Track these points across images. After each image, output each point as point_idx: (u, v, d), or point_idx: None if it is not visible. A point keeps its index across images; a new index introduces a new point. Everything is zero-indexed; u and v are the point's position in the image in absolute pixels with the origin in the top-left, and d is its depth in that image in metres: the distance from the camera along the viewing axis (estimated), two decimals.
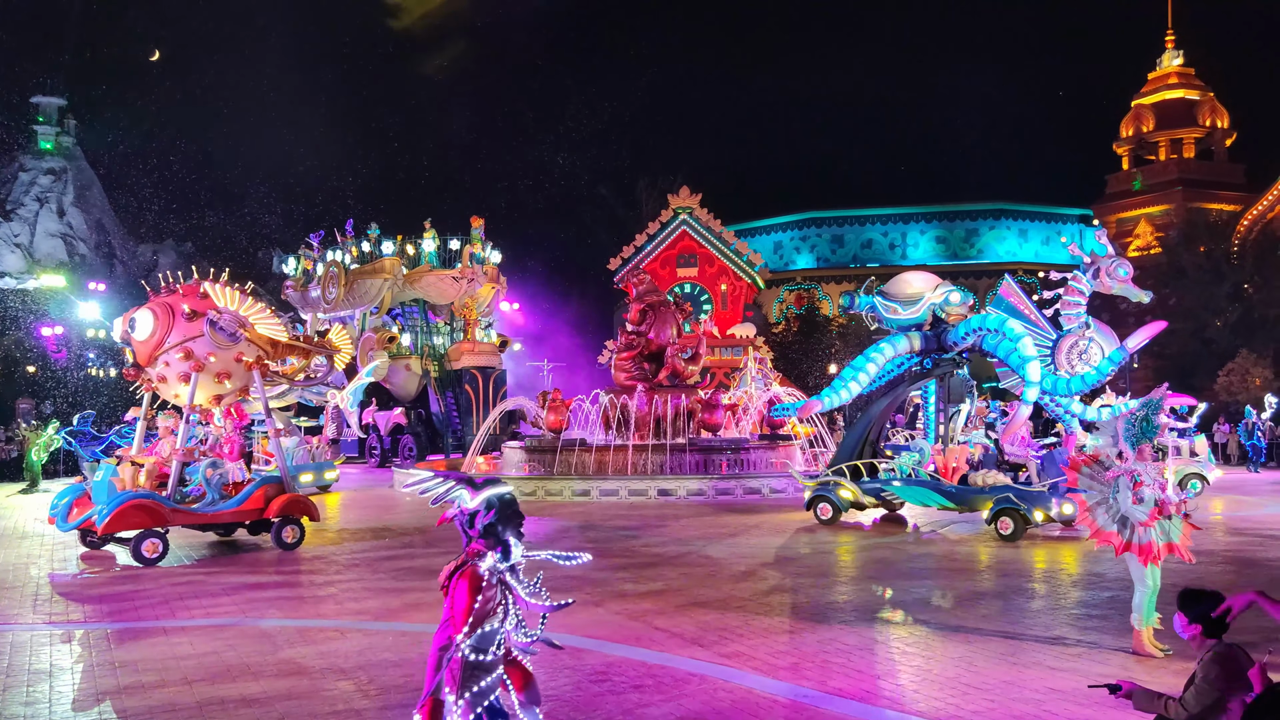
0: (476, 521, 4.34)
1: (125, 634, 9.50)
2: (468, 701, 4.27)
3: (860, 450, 18.06)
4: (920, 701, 7.03)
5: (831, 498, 17.01)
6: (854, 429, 19.06)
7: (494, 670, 4.37)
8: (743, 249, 51.78)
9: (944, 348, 17.66)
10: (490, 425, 30.10)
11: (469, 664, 4.28)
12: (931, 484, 16.16)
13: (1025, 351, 16.35)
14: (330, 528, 17.45)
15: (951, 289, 17.87)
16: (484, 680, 4.31)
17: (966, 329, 17.11)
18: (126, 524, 13.33)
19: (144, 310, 14.31)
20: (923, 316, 17.91)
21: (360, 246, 37.87)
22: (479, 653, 4.29)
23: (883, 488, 16.67)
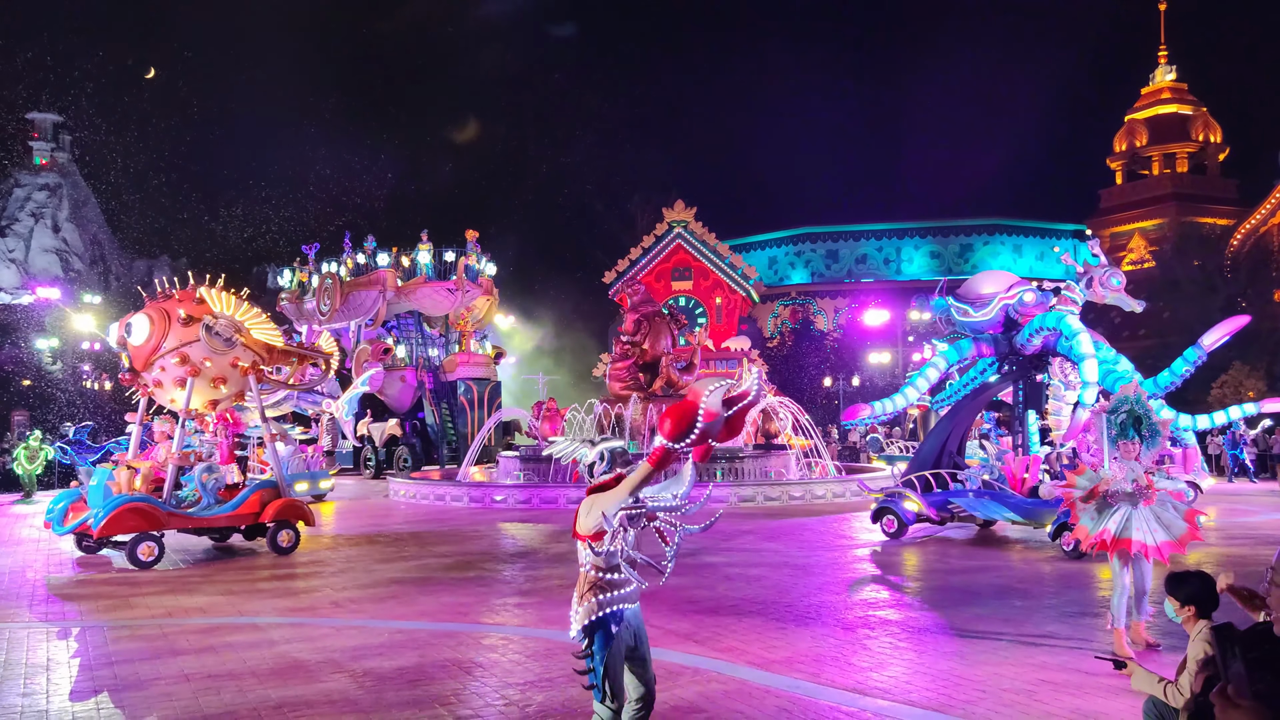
0: (595, 471, 5.11)
1: (122, 632, 9.53)
2: (585, 608, 4.87)
3: (939, 460, 16.74)
4: (912, 692, 7.08)
5: (897, 510, 15.73)
6: (932, 438, 17.73)
7: (618, 588, 4.90)
8: (737, 262, 51.90)
9: (1015, 350, 16.68)
10: (484, 436, 30.13)
11: (593, 580, 4.90)
12: (1000, 496, 15.02)
13: (1081, 349, 15.45)
14: (325, 533, 17.47)
15: (1027, 288, 16.60)
16: (604, 594, 4.87)
17: (1031, 329, 16.16)
18: (122, 527, 13.36)
19: (140, 315, 14.37)
20: (995, 318, 16.73)
21: (355, 258, 37.95)
22: (600, 570, 4.89)
23: (949, 500, 15.50)
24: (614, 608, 4.87)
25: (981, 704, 6.70)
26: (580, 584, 4.93)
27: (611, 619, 4.86)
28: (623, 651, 4.93)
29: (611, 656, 4.85)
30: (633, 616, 4.99)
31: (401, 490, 24.99)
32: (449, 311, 39.48)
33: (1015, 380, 17.13)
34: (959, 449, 17.44)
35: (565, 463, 5.43)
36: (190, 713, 6.78)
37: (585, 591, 4.88)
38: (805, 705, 6.80)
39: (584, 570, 4.94)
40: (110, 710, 6.92)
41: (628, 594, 4.93)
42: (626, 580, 4.92)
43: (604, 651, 4.83)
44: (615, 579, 4.90)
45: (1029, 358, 16.71)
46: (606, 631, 4.83)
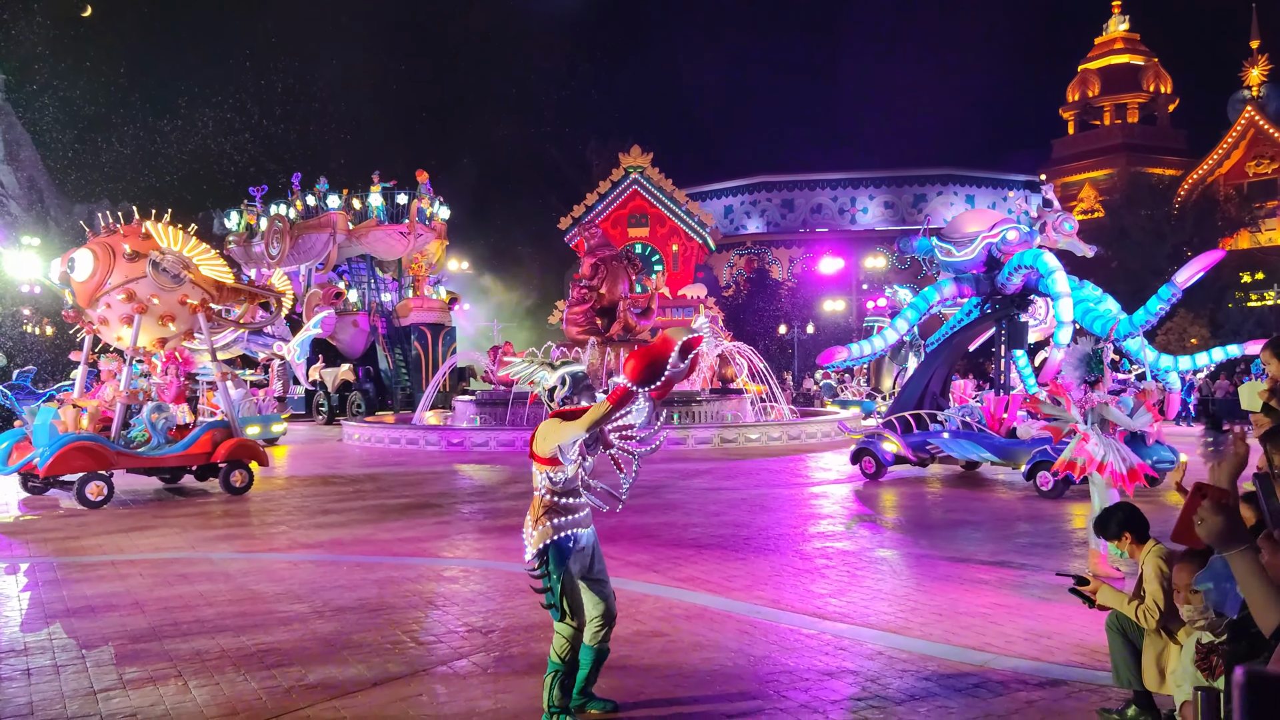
0: (556, 395, 5.05)
1: (72, 567, 9.35)
2: (539, 532, 4.88)
3: (920, 402, 16.85)
4: (870, 616, 7.19)
5: (875, 451, 15.74)
6: (914, 380, 17.81)
7: (571, 513, 4.94)
8: (694, 209, 51.68)
9: (996, 290, 16.60)
10: (439, 381, 29.89)
11: (547, 503, 4.92)
12: (978, 437, 15.06)
13: (1057, 287, 15.40)
14: (279, 475, 17.27)
15: (1010, 226, 16.48)
16: (559, 518, 4.90)
17: (1011, 267, 16.08)
18: (69, 467, 13.07)
19: (83, 250, 13.92)
20: (979, 257, 16.64)
21: (305, 200, 37.11)
22: (555, 495, 4.92)
23: (927, 440, 15.58)
24: (568, 532, 4.92)
25: (938, 626, 6.82)
26: (534, 508, 4.96)
27: (566, 542, 4.90)
28: (578, 573, 5.00)
29: (567, 577, 4.89)
30: (587, 539, 5.06)
31: (356, 434, 24.77)
32: (402, 255, 38.87)
33: (997, 320, 17.12)
34: (942, 390, 17.51)
35: (522, 383, 5.25)
36: (146, 640, 6.68)
37: (540, 516, 4.91)
38: (766, 629, 6.88)
39: (538, 494, 4.97)
40: (63, 639, 6.79)
41: (581, 518, 5.00)
42: (580, 505, 4.99)
43: (560, 572, 4.86)
44: (569, 503, 4.95)
45: (1010, 297, 16.66)
46: (561, 553, 4.88)
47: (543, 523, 4.88)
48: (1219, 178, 48.70)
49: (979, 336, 18.45)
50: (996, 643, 6.34)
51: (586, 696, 5.16)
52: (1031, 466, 13.79)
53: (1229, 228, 45.81)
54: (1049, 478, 13.35)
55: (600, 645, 5.12)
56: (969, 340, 18.34)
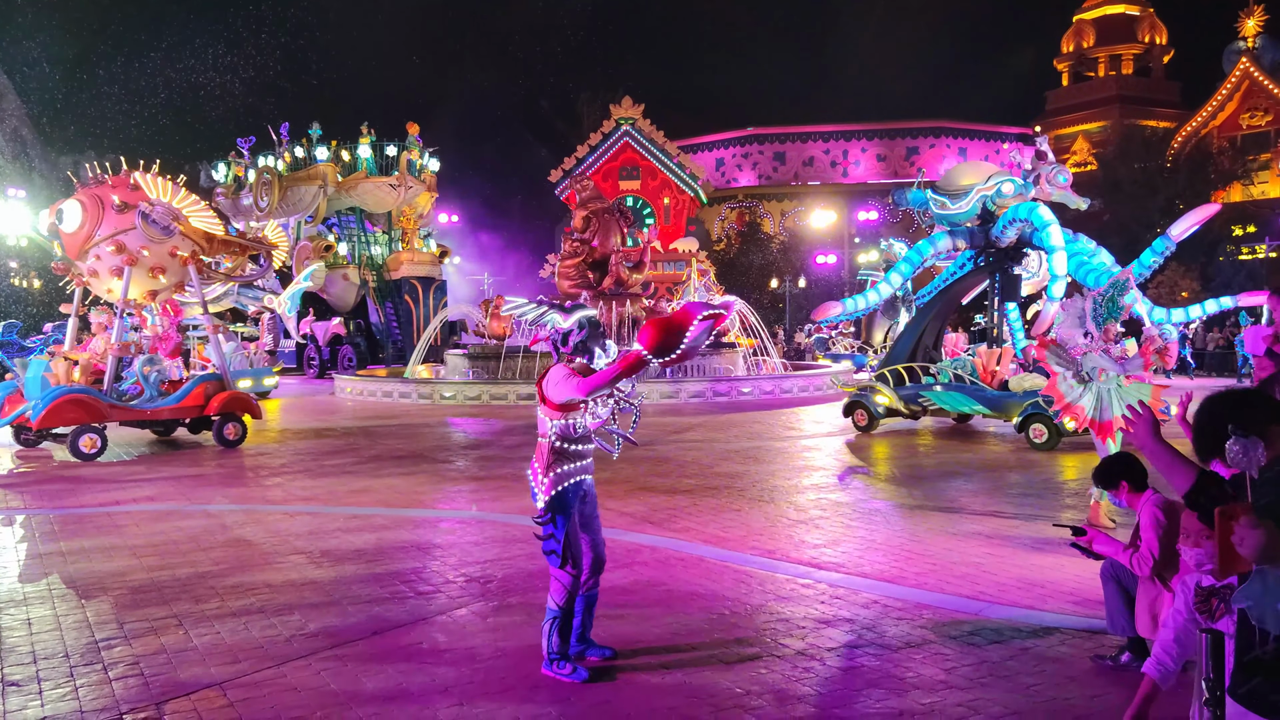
0: (569, 340, 4.94)
1: (68, 519, 9.36)
2: (551, 480, 4.88)
3: (913, 355, 16.84)
4: (865, 566, 7.26)
5: (868, 403, 15.78)
6: (907, 334, 17.73)
7: (579, 459, 4.96)
8: (686, 162, 51.26)
9: (991, 243, 16.60)
10: (431, 335, 29.82)
11: (556, 449, 4.91)
12: (970, 389, 15.03)
13: (1051, 240, 15.39)
14: (272, 428, 17.27)
15: (1005, 179, 16.43)
16: (567, 465, 4.92)
17: (1005, 221, 16.08)
18: (62, 419, 13.04)
19: (72, 201, 13.76)
20: (973, 210, 16.63)
21: (294, 152, 36.68)
22: (565, 441, 4.91)
23: (920, 393, 15.41)
24: (577, 478, 4.96)
25: (932, 576, 6.89)
26: (543, 454, 4.95)
27: (574, 489, 4.94)
28: (579, 520, 5.03)
29: (571, 525, 4.93)
30: (590, 486, 5.10)
31: (348, 387, 24.74)
32: (391, 208, 38.54)
33: (991, 272, 17.11)
34: (935, 343, 17.51)
35: (529, 324, 5.08)
36: (145, 590, 6.71)
37: (551, 462, 4.91)
38: (762, 578, 6.94)
39: (545, 440, 4.95)
40: (61, 590, 6.82)
41: (587, 465, 5.05)
42: (587, 451, 5.01)
43: (566, 520, 4.89)
44: (578, 449, 4.97)
45: (1004, 250, 16.62)
46: (567, 500, 4.90)
47: (554, 469, 4.89)
48: (1213, 130, 48.49)
49: (972, 289, 18.50)
50: (990, 591, 6.42)
51: (585, 644, 5.20)
52: (1024, 419, 13.82)
53: (1222, 180, 45.71)
54: (1042, 429, 13.43)
55: (589, 591, 5.16)
56: (962, 293, 18.37)
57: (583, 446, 4.99)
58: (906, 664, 5.10)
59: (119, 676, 5.12)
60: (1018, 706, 4.54)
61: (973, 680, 4.85)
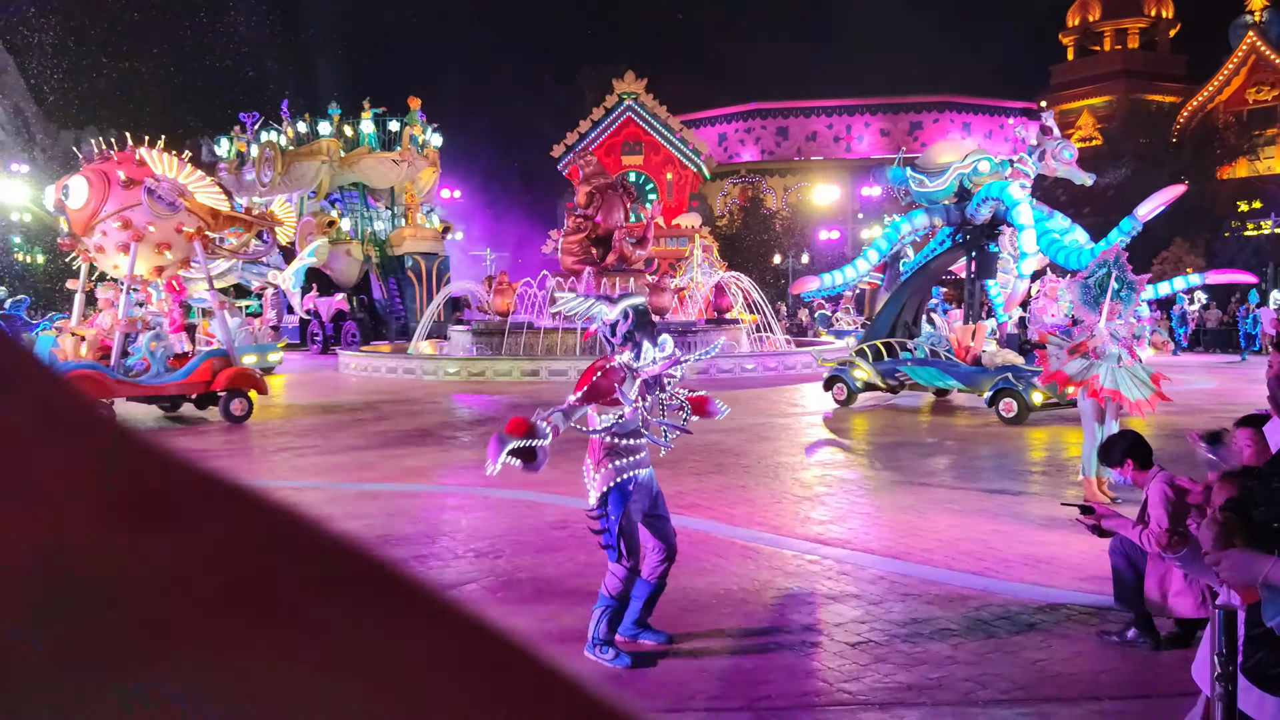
0: (617, 330, 4.91)
1: None
2: (603, 475, 4.89)
3: (893, 330, 17.14)
4: (871, 542, 7.32)
5: (846, 379, 16.03)
6: (886, 310, 18.08)
7: (632, 453, 4.95)
8: (689, 137, 51.03)
9: (966, 220, 16.78)
10: (435, 311, 29.83)
11: (607, 445, 4.91)
12: (944, 364, 15.25)
13: (1020, 219, 15.63)
14: (277, 404, 17.33)
15: (982, 157, 16.71)
16: (620, 460, 4.91)
17: (979, 199, 16.27)
18: None
19: (78, 177, 13.75)
20: (950, 188, 16.86)
21: (296, 127, 36.56)
22: (616, 436, 4.89)
23: (896, 368, 15.76)
24: (630, 473, 4.93)
25: (938, 552, 6.95)
26: (594, 450, 4.94)
27: (627, 484, 4.91)
28: (638, 513, 4.99)
29: (627, 519, 4.89)
30: (647, 479, 5.05)
31: (352, 363, 24.80)
32: (394, 183, 38.45)
33: (967, 250, 17.29)
34: (914, 319, 17.70)
35: (579, 320, 5.13)
36: None
37: (601, 458, 4.90)
38: (769, 555, 7.00)
39: (595, 437, 4.93)
40: None
41: (642, 459, 5.00)
42: (640, 445, 4.97)
43: (619, 513, 4.87)
44: (630, 444, 4.94)
45: (980, 227, 16.84)
46: (622, 495, 4.88)
47: (605, 465, 4.86)
48: (1219, 105, 48.21)
49: (950, 266, 18.76)
50: (996, 568, 6.48)
51: (642, 628, 5.19)
52: (994, 393, 14.09)
53: (1228, 155, 45.48)
54: (1012, 404, 13.76)
55: (659, 581, 5.13)
56: (941, 270, 18.66)
57: (634, 440, 4.95)
58: (914, 639, 5.16)
59: None
60: (1024, 681, 4.60)
61: (980, 655, 4.91)
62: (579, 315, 5.12)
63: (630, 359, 4.88)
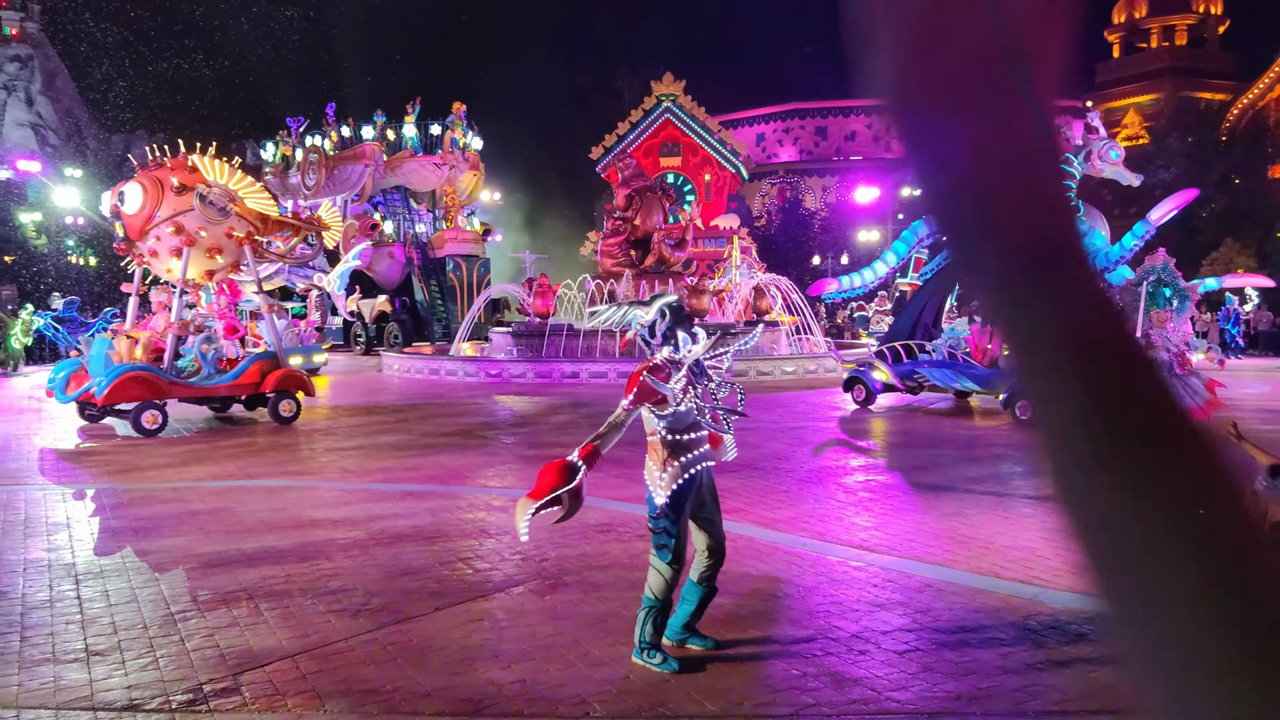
0: (656, 330, 4.91)
1: (136, 493, 9.67)
2: (670, 475, 4.84)
3: (913, 332, 17.42)
4: (917, 549, 7.29)
5: (865, 379, 16.27)
6: (907, 311, 18.36)
7: (695, 448, 4.92)
8: (727, 138, 50.85)
9: None
10: (476, 313, 30.08)
11: (668, 442, 4.88)
12: (961, 366, 15.46)
13: None
14: (323, 405, 17.60)
15: None
16: (686, 455, 4.89)
17: None
18: (125, 395, 13.42)
19: (133, 183, 14.09)
20: None
21: (340, 131, 37.06)
22: (675, 432, 4.88)
23: (915, 369, 15.99)
24: (696, 468, 4.91)
25: (986, 560, 6.92)
26: (656, 451, 4.90)
27: (692, 480, 4.89)
28: (690, 512, 4.96)
29: (684, 521, 4.88)
30: (706, 476, 5.03)
31: (395, 365, 25.09)
32: (436, 187, 38.85)
33: None
34: (934, 321, 18.00)
35: (615, 330, 5.20)
36: (214, 563, 6.94)
37: (666, 458, 4.86)
38: (813, 560, 7.01)
39: (656, 436, 4.91)
40: (135, 562, 7.08)
41: (706, 453, 4.98)
42: (701, 439, 4.95)
43: (680, 516, 4.85)
44: (691, 439, 4.92)
45: None
46: (685, 495, 4.87)
47: (671, 464, 4.83)
48: (1270, 102, 47.27)
49: None
50: (1045, 576, 6.44)
51: (690, 632, 5.17)
52: (1010, 395, 14.21)
53: None
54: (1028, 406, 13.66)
55: (709, 584, 5.11)
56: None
57: (695, 434, 4.92)
58: (962, 648, 5.15)
59: (196, 648, 5.33)
60: (1075, 692, 4.58)
61: (1029, 665, 4.90)
62: (616, 324, 5.10)
63: (670, 352, 4.89)
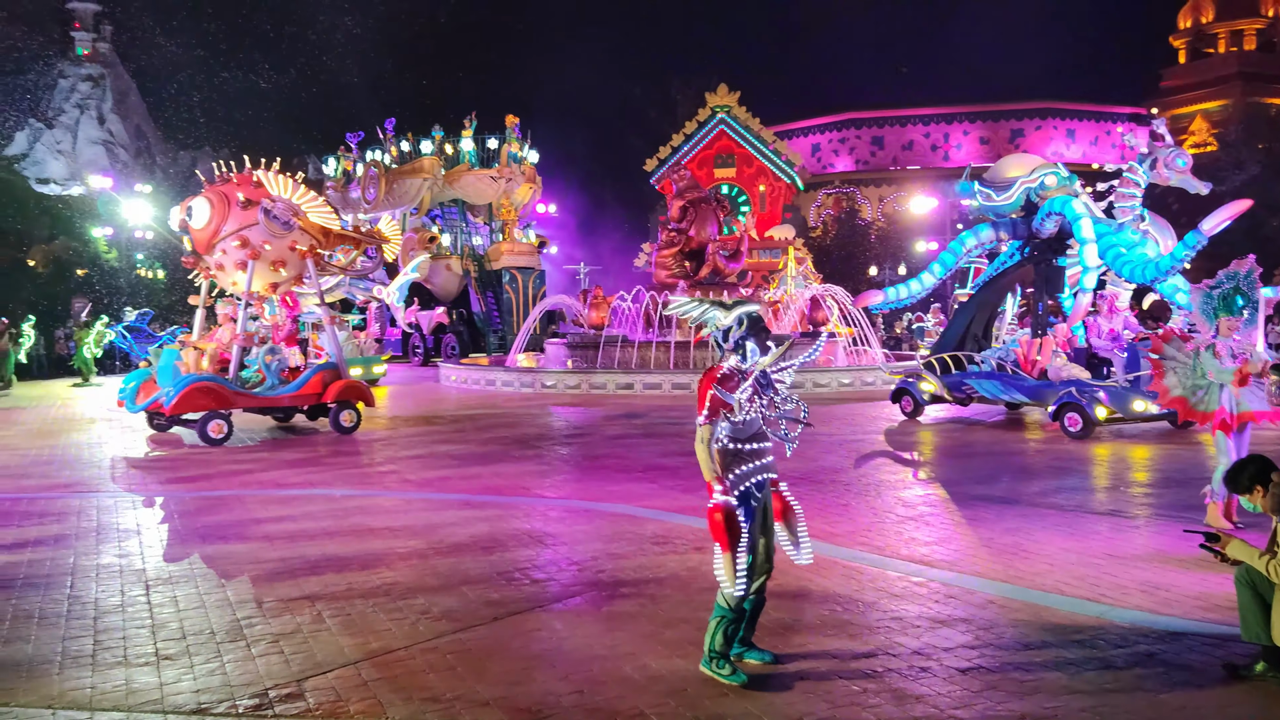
0: (730, 336, 4.91)
1: (203, 500, 9.91)
2: (729, 483, 4.82)
3: (961, 343, 17.34)
4: (979, 565, 7.17)
5: (913, 391, 16.24)
6: (956, 322, 18.34)
7: (754, 459, 4.94)
8: (782, 149, 50.71)
9: (1033, 234, 16.95)
10: (531, 324, 30.31)
11: (728, 450, 4.89)
12: (1009, 378, 15.33)
13: (1081, 233, 15.80)
14: (382, 415, 17.85)
15: (1049, 171, 16.82)
16: (743, 466, 4.89)
17: (1043, 213, 16.48)
18: (193, 405, 13.75)
19: (200, 198, 14.48)
20: (1017, 202, 16.98)
21: (399, 146, 37.68)
22: (736, 441, 4.89)
23: (964, 381, 15.88)
24: (757, 478, 4.91)
25: (1050, 577, 6.77)
26: (716, 459, 4.89)
27: (754, 489, 4.89)
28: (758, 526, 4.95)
29: (752, 527, 4.87)
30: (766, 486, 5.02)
31: (452, 375, 25.35)
32: (492, 199, 39.28)
33: (1035, 264, 17.41)
34: (984, 332, 18.03)
35: (691, 324, 5.09)
36: (278, 570, 7.07)
37: (726, 465, 4.86)
38: (873, 575, 6.93)
39: (716, 446, 4.90)
40: (203, 569, 7.24)
41: (768, 464, 4.99)
42: (765, 450, 4.95)
43: (749, 522, 4.84)
44: (754, 449, 4.93)
45: (1046, 241, 16.99)
46: (748, 502, 4.86)
47: (731, 472, 4.84)
48: None
49: (1021, 281, 18.81)
50: (1111, 594, 6.29)
51: (745, 646, 5.15)
52: (1058, 407, 14.09)
53: None
54: (1077, 418, 13.80)
55: (758, 595, 5.09)
56: (1011, 284, 18.70)
57: (757, 445, 4.92)
58: (1027, 667, 5.06)
59: (261, 653, 5.43)
60: (1144, 714, 4.47)
61: (1097, 685, 4.78)
62: (693, 318, 5.06)
63: (738, 361, 4.89)
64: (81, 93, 61.99)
